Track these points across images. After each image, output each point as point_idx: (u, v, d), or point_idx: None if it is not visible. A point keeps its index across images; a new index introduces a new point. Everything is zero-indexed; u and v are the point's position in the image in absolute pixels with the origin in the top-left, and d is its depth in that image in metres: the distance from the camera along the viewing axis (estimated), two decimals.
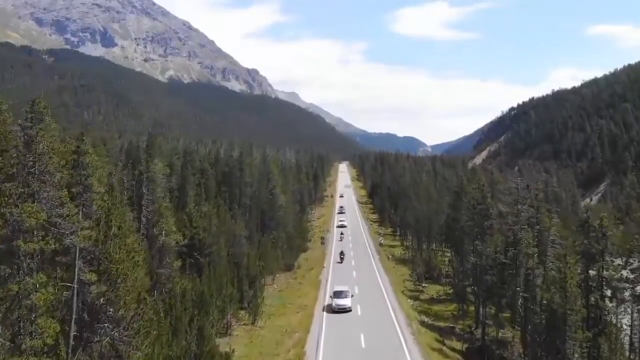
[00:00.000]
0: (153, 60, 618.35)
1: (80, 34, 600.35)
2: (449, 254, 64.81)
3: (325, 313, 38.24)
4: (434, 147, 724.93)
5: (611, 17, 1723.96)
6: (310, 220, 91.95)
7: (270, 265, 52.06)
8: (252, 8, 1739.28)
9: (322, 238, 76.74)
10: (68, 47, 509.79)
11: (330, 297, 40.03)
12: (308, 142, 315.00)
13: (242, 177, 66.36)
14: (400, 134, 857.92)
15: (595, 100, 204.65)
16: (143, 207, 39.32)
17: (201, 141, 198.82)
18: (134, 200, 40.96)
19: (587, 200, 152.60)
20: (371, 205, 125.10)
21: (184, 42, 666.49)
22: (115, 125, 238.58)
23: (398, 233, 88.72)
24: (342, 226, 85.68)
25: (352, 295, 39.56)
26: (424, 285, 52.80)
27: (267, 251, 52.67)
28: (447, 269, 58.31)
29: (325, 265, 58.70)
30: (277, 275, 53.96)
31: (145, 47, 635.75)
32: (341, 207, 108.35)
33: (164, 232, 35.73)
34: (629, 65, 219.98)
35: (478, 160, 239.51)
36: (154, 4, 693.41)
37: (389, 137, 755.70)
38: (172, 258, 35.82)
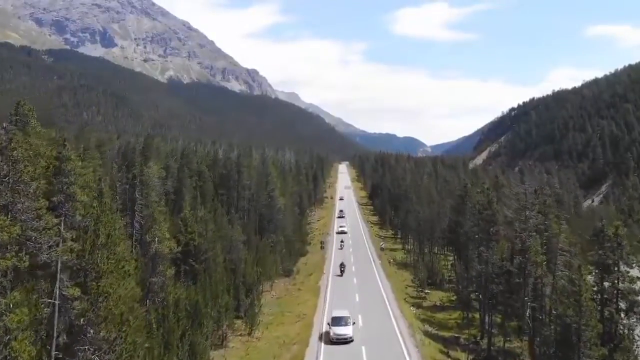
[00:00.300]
0: (152, 60, 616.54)
1: (80, 34, 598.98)
2: (451, 258, 63.37)
3: (322, 344, 32.49)
4: (433, 147, 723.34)
5: (610, 17, 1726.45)
6: (310, 223, 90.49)
7: (269, 271, 50.72)
8: (252, 8, 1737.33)
9: (322, 242, 75.10)
10: (67, 47, 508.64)
11: (328, 324, 34.14)
12: (308, 142, 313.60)
13: (240, 179, 64.77)
14: (400, 134, 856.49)
15: (596, 101, 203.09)
16: (136, 212, 37.91)
17: (200, 142, 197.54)
18: (127, 205, 39.53)
19: (589, 201, 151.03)
20: (371, 207, 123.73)
21: (183, 42, 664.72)
22: (114, 125, 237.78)
23: (399, 236, 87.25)
24: (342, 232, 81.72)
25: (353, 323, 33.73)
26: (426, 291, 51.45)
27: (265, 256, 51.26)
28: (449, 274, 56.88)
29: (325, 271, 57.19)
30: (276, 281, 52.59)
31: (145, 47, 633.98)
32: (341, 211, 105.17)
33: (156, 238, 34.24)
34: (630, 65, 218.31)
35: (478, 160, 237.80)
36: (154, 4, 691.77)
37: (389, 138, 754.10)
38: (166, 266, 34.28)
